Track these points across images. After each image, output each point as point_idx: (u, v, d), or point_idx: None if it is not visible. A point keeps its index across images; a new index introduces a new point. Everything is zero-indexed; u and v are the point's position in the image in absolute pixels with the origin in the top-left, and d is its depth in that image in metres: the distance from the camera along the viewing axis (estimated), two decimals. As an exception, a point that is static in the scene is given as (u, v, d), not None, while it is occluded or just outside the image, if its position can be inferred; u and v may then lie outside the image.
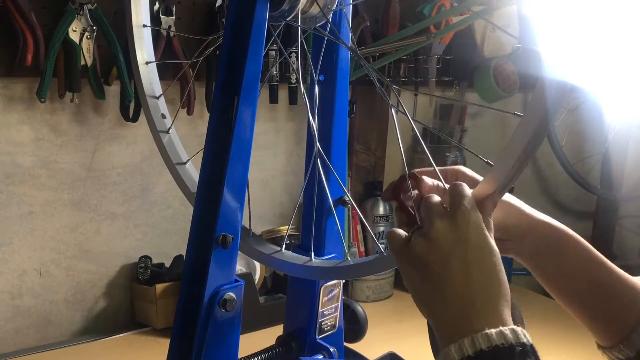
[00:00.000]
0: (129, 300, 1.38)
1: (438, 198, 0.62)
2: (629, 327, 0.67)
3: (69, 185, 1.28)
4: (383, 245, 1.53)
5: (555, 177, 2.03)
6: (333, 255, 0.90)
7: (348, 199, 0.90)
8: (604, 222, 2.08)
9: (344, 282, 1.00)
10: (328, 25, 0.84)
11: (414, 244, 0.60)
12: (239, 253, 0.81)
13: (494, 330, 0.52)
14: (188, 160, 0.96)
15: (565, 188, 2.04)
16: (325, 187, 0.85)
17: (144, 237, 1.39)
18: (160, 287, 1.30)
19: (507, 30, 1.49)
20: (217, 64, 1.12)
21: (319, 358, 0.91)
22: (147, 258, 1.35)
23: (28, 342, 1.28)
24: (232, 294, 0.78)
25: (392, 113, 0.76)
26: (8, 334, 1.26)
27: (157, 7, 1.24)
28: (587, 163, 1.96)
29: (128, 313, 1.38)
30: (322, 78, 0.87)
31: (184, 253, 0.80)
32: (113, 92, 1.27)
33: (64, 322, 1.32)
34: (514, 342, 0.52)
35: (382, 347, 1.12)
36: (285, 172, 1.55)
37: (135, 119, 1.27)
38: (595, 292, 0.69)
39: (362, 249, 1.57)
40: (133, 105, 1.26)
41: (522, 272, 1.66)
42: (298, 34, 0.82)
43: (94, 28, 1.18)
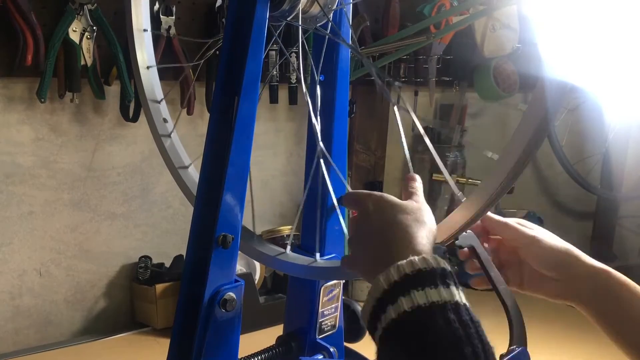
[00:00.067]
0: (129, 300, 1.38)
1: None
2: None
3: (69, 185, 1.28)
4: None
5: (555, 177, 2.03)
6: (333, 255, 0.90)
7: None
8: (604, 222, 2.08)
9: (344, 282, 1.00)
10: (329, 25, 0.84)
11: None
12: (239, 253, 0.81)
13: (417, 257, 0.56)
14: (190, 164, 0.96)
15: (565, 188, 2.04)
16: (330, 186, 0.85)
17: (144, 237, 1.39)
18: (160, 287, 1.30)
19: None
20: (217, 64, 1.12)
21: (319, 358, 0.91)
22: (147, 258, 1.35)
23: (28, 342, 1.28)
24: (232, 294, 0.78)
25: (394, 110, 0.76)
26: (8, 334, 1.26)
27: (157, 7, 1.24)
28: (587, 163, 1.96)
29: (128, 313, 1.38)
30: (322, 78, 0.87)
31: (184, 253, 0.80)
32: (113, 92, 1.27)
33: (64, 322, 1.32)
34: (436, 266, 0.56)
35: (382, 347, 1.12)
36: (285, 172, 1.55)
37: (135, 119, 1.27)
38: None
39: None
40: (133, 105, 1.26)
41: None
42: (299, 34, 0.82)
43: (94, 28, 1.18)
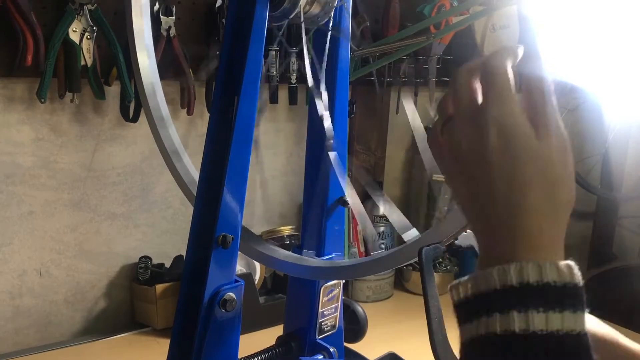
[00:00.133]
0: (129, 301, 1.38)
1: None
2: None
3: (69, 186, 1.28)
4: (383, 246, 1.53)
5: (555, 177, 2.03)
6: (333, 255, 0.90)
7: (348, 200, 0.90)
8: (604, 222, 2.08)
9: (344, 282, 1.00)
10: (330, 23, 0.83)
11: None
12: (239, 253, 0.81)
13: (548, 264, 0.42)
14: (190, 164, 0.96)
15: (565, 188, 2.04)
16: (341, 185, 0.85)
17: (144, 237, 1.39)
18: (160, 287, 1.30)
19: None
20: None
21: (319, 358, 0.91)
22: (147, 258, 1.35)
23: (28, 342, 1.28)
24: (232, 294, 0.78)
25: (402, 101, 0.75)
26: (8, 334, 1.26)
27: (157, 7, 1.24)
28: (587, 163, 1.96)
29: (128, 313, 1.38)
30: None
31: (184, 253, 0.80)
32: (113, 92, 1.27)
33: (64, 322, 1.32)
34: (569, 280, 0.42)
35: (382, 347, 1.12)
36: (285, 172, 1.55)
37: (136, 119, 1.27)
38: None
39: (362, 249, 1.57)
40: (133, 106, 1.26)
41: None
42: (302, 33, 0.82)
43: (94, 28, 1.18)
